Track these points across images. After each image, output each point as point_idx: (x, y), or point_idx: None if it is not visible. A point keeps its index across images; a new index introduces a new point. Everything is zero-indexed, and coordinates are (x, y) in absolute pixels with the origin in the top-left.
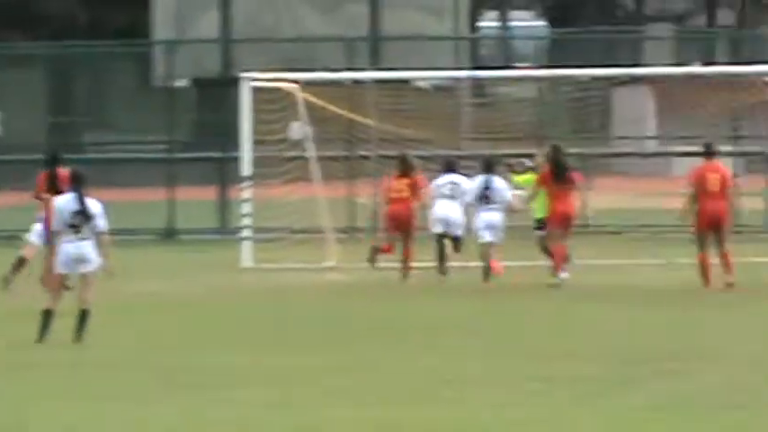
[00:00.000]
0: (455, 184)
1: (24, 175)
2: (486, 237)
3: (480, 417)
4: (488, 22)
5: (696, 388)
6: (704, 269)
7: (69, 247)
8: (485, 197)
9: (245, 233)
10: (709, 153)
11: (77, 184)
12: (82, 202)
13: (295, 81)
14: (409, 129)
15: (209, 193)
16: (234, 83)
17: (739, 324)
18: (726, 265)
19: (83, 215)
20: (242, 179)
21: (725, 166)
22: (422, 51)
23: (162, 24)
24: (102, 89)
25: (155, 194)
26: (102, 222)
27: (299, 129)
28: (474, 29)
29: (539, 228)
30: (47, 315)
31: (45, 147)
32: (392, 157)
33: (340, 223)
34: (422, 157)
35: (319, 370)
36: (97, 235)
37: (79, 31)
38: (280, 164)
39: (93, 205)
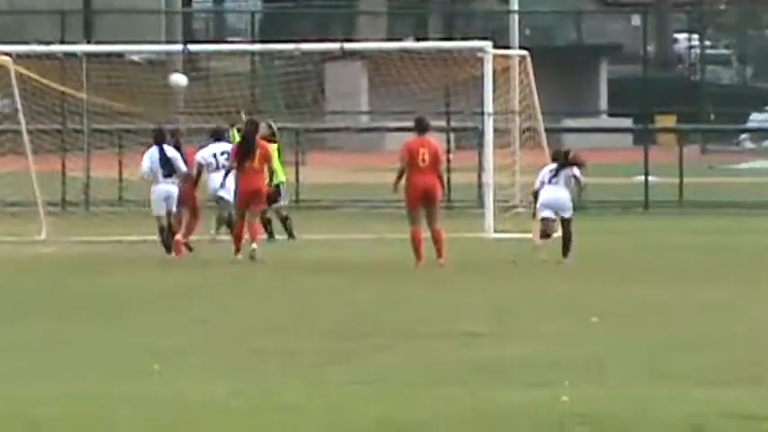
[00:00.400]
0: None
1: None
2: (163, 210)
3: (191, 390)
4: None
5: (402, 363)
6: (416, 244)
7: None
8: (163, 168)
9: None
10: (420, 128)
11: None
12: None
13: (7, 53)
14: (122, 102)
15: None
16: None
17: (447, 300)
18: (437, 245)
19: None
20: None
21: (436, 141)
22: (135, 25)
23: None
24: None
25: None
26: None
27: (1, 101)
28: (187, 3)
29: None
30: None
31: None
32: (103, 131)
33: (52, 197)
34: (135, 132)
35: (27, 345)
36: None
37: None
38: None
39: None
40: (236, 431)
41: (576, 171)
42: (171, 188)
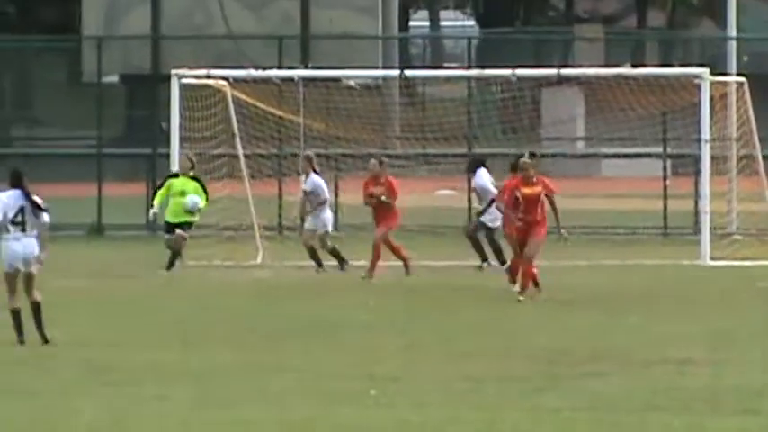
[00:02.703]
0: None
1: None
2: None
3: (408, 416)
4: (419, 21)
5: (617, 389)
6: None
7: (15, 244)
8: None
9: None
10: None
11: (19, 181)
12: (27, 198)
13: (225, 78)
14: (338, 127)
15: (138, 189)
16: (164, 79)
17: (663, 327)
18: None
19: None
20: (171, 176)
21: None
22: (352, 50)
23: (92, 20)
24: (32, 84)
25: (83, 190)
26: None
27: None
28: (404, 28)
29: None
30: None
31: None
32: (320, 156)
33: (268, 221)
34: (352, 156)
35: (244, 368)
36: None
37: (9, 26)
38: (209, 160)
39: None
40: None
41: None
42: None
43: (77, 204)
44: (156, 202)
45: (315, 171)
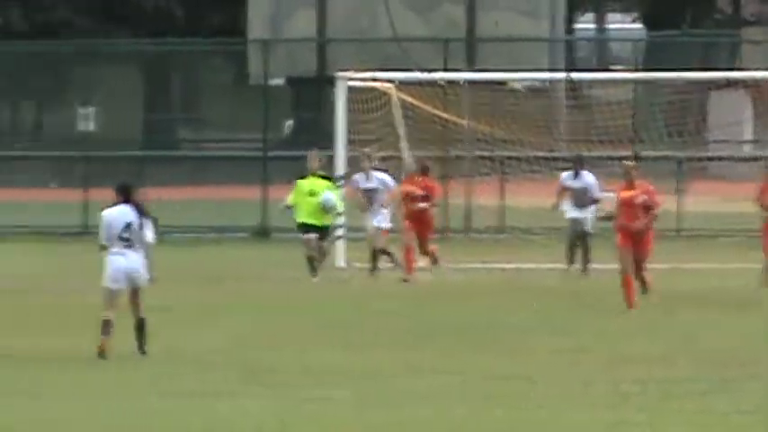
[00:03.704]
0: None
1: (119, 171)
2: None
3: (572, 417)
4: (585, 24)
5: None
6: None
7: (120, 259)
8: None
9: (339, 232)
10: None
11: (128, 195)
12: (137, 213)
13: (390, 81)
14: (503, 130)
15: None
16: (329, 82)
17: None
18: None
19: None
20: (337, 178)
21: None
22: (517, 53)
23: (258, 23)
24: (198, 87)
25: (249, 193)
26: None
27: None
28: (570, 31)
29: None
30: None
31: (141, 143)
32: (485, 158)
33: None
34: (517, 159)
35: (404, 370)
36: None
37: (176, 29)
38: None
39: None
40: None
41: None
42: None
43: (243, 206)
44: (290, 200)
45: (376, 168)
